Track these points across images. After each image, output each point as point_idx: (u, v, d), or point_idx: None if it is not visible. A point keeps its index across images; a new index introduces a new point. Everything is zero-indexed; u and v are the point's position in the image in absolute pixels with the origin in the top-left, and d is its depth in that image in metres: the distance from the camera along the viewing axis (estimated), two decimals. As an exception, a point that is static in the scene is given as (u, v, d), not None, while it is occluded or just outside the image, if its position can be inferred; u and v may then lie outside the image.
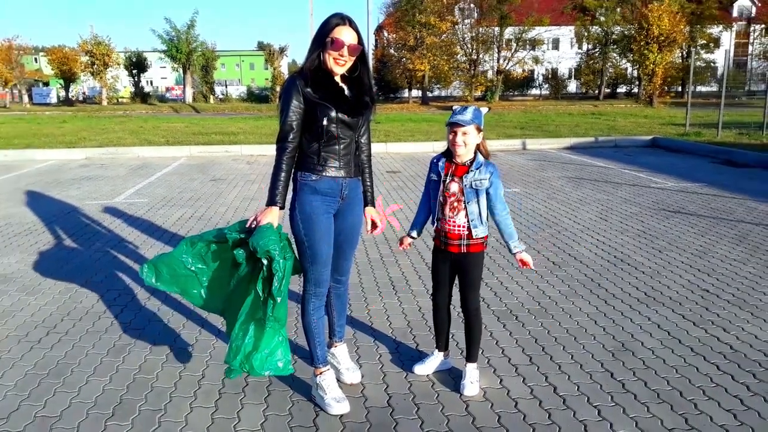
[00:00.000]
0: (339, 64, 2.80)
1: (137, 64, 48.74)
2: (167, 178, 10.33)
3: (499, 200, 3.03)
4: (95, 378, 3.32)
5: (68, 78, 46.89)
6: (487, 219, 3.08)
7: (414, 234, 3.35)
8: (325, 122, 2.77)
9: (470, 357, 3.21)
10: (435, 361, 3.37)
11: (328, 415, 2.94)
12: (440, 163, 3.09)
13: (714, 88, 45.89)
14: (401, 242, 3.39)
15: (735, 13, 53.01)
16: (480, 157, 3.02)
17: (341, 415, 2.92)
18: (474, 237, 3.04)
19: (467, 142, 2.96)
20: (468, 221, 3.02)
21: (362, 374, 3.30)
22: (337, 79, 2.87)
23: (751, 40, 50.55)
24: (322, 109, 2.78)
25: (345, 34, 2.76)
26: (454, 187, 3.03)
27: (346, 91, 2.88)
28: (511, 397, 3.09)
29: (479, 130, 2.98)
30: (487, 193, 3.01)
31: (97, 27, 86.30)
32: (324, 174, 2.84)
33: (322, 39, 2.79)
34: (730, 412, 2.92)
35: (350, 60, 2.82)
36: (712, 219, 6.92)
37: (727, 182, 9.30)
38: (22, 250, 5.89)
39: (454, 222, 3.04)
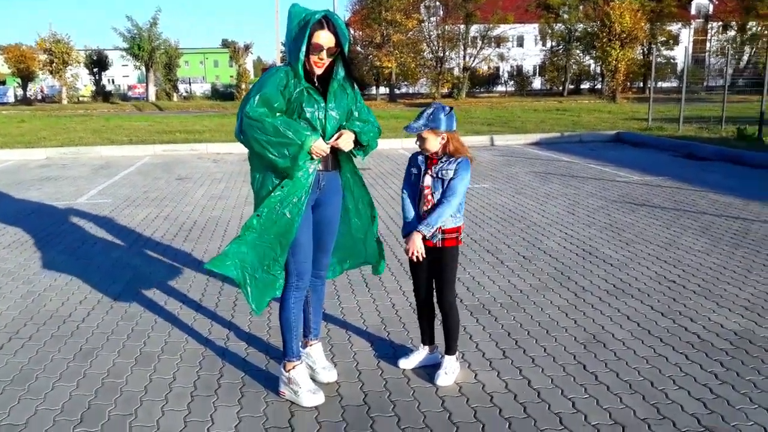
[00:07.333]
0: (318, 66, 2.84)
1: (98, 63, 47.68)
2: (131, 178, 10.11)
3: (453, 188, 2.99)
4: (61, 383, 3.22)
5: (26, 77, 45.60)
6: (461, 208, 3.08)
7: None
8: None
9: (448, 349, 3.23)
10: (419, 355, 3.37)
11: (303, 410, 2.91)
12: (420, 157, 3.11)
13: (674, 83, 46.85)
14: (410, 251, 3.05)
15: (693, 11, 54.19)
16: (452, 152, 3.03)
17: (317, 412, 2.90)
18: (445, 229, 3.04)
19: (425, 147, 3.02)
20: None
21: (337, 372, 3.27)
22: (315, 78, 2.89)
23: (709, 37, 51.78)
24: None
25: (323, 37, 2.78)
26: (427, 179, 3.05)
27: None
28: (486, 392, 3.10)
29: (436, 133, 2.97)
30: (449, 183, 3.01)
31: (56, 25, 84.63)
32: None
33: (305, 42, 2.76)
34: (699, 400, 2.98)
35: (329, 61, 2.86)
36: (676, 211, 7.06)
37: (689, 175, 9.52)
38: (-20, 254, 5.69)
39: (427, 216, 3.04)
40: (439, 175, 3.02)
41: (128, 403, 3.02)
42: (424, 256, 3.06)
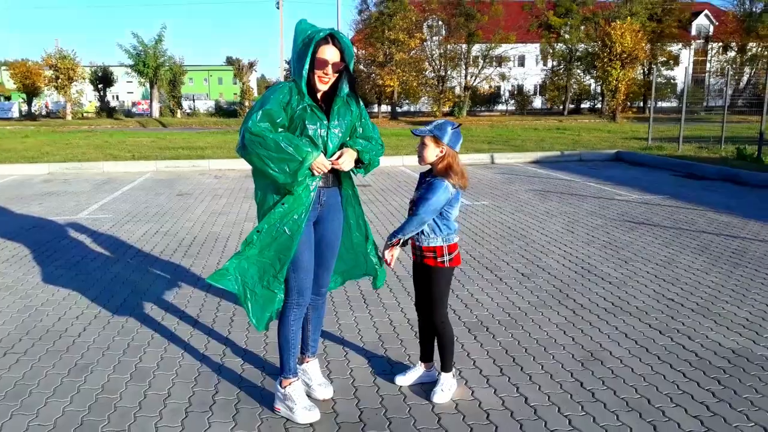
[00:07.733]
0: (323, 82, 2.85)
1: (103, 79, 47.98)
2: (132, 193, 10.14)
3: (416, 207, 2.99)
4: (55, 399, 3.21)
5: (31, 92, 45.90)
6: (439, 231, 3.06)
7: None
8: None
9: (444, 367, 3.23)
10: (416, 372, 3.36)
11: (298, 427, 2.89)
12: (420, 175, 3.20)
13: (674, 103, 47.06)
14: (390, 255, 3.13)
15: (693, 32, 54.58)
16: (438, 171, 3.03)
17: (312, 429, 2.88)
18: (422, 246, 3.07)
19: (422, 154, 3.05)
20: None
21: (333, 389, 3.26)
22: (319, 95, 2.91)
23: (709, 58, 52.06)
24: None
25: (328, 53, 2.80)
26: (414, 196, 3.13)
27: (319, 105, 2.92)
28: (482, 409, 3.08)
29: (437, 142, 2.99)
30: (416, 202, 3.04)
31: (62, 41, 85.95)
32: None
33: (308, 58, 2.78)
34: (696, 418, 2.96)
35: (334, 77, 2.87)
36: (675, 230, 7.06)
37: (688, 194, 9.53)
38: (-21, 268, 5.70)
39: None
40: (415, 195, 3.09)
41: (122, 419, 3.01)
42: (390, 263, 3.10)
